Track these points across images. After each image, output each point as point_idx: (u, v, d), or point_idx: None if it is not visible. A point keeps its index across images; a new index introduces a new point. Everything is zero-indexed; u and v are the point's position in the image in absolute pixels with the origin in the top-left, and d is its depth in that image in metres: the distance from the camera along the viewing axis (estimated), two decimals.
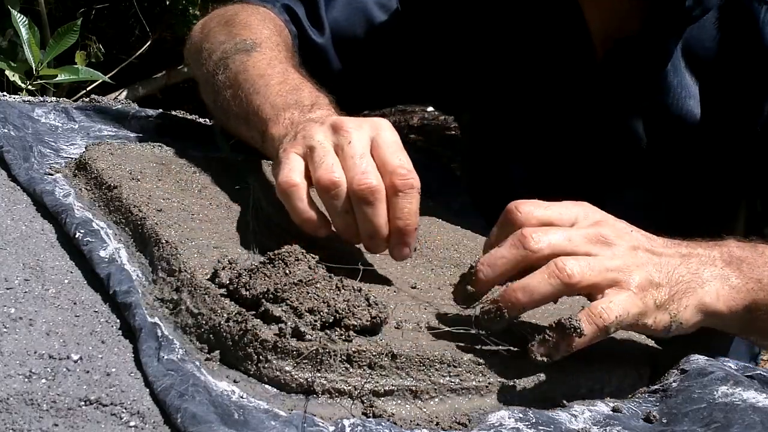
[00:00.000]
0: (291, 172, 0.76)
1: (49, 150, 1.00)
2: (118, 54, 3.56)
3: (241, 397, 0.61)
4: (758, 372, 0.75)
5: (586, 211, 0.75)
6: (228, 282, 0.68)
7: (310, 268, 0.68)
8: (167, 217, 0.80)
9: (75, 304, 0.71)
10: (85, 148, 0.97)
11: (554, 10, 1.11)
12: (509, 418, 0.65)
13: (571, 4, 1.08)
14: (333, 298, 0.65)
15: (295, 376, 0.62)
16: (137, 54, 3.52)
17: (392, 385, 0.63)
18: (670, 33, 1.06)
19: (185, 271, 0.71)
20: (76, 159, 0.96)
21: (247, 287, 0.66)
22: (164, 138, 1.12)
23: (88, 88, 2.64)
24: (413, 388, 0.64)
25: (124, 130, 1.14)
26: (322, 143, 0.77)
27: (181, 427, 0.55)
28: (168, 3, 3.57)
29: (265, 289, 0.66)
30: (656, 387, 0.73)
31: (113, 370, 0.62)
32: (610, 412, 0.69)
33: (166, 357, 0.62)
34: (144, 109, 1.18)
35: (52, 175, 0.93)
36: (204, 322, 0.66)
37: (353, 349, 0.63)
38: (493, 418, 0.65)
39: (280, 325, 0.63)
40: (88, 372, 0.61)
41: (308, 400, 0.61)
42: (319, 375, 0.62)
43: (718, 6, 1.05)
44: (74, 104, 1.16)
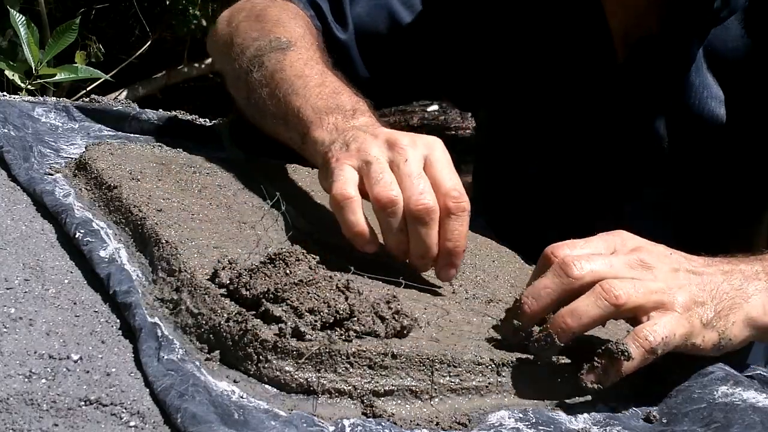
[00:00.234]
0: (346, 185, 0.77)
1: (49, 150, 1.00)
2: (118, 54, 3.56)
3: (241, 397, 0.61)
4: (758, 372, 0.76)
5: (623, 238, 0.76)
6: (228, 282, 0.68)
7: (310, 269, 0.68)
8: (167, 217, 0.80)
9: (75, 304, 0.71)
10: (85, 148, 0.97)
11: (575, 7, 1.10)
12: (509, 418, 0.65)
13: (592, 1, 1.08)
14: (333, 299, 0.65)
15: (295, 376, 0.62)
16: (137, 54, 3.52)
17: (392, 385, 0.63)
18: (694, 34, 1.05)
19: (185, 271, 0.71)
20: (76, 159, 0.96)
21: (248, 287, 0.66)
22: (164, 138, 1.12)
23: (88, 88, 2.64)
24: (413, 388, 0.64)
25: (124, 130, 1.14)
26: (379, 159, 0.78)
27: (181, 427, 0.55)
28: (168, 3, 3.57)
29: (266, 289, 0.66)
30: (656, 387, 0.73)
31: (113, 370, 0.62)
32: (610, 412, 0.69)
33: (166, 357, 0.62)
34: (144, 110, 1.18)
35: (52, 175, 0.93)
36: (204, 322, 0.66)
37: (353, 350, 0.63)
38: (493, 418, 0.65)
39: (280, 325, 0.63)
40: (88, 372, 0.61)
41: (309, 399, 0.61)
42: (320, 375, 0.62)
43: (743, 6, 1.04)
44: (74, 104, 1.16)
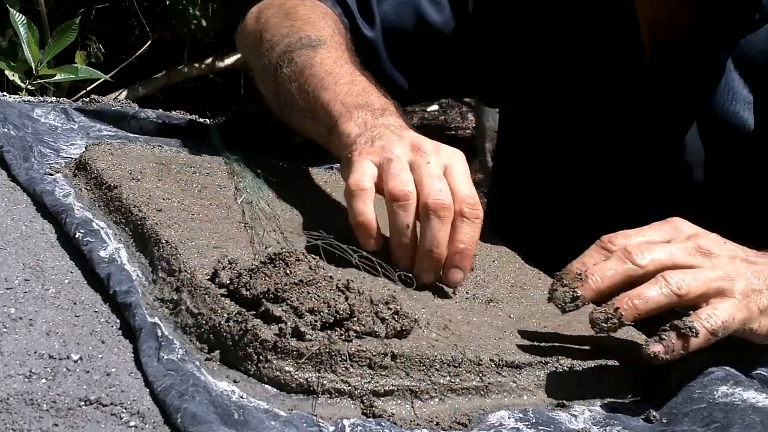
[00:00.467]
0: (363, 176, 0.80)
1: (49, 150, 1.00)
2: (118, 54, 3.56)
3: (241, 397, 0.61)
4: (758, 372, 0.76)
5: (678, 225, 0.78)
6: (228, 282, 0.68)
7: (310, 269, 0.68)
8: (167, 217, 0.80)
9: (75, 304, 0.71)
10: (85, 148, 0.97)
11: (605, 3, 1.10)
12: (509, 418, 0.65)
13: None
14: (333, 299, 0.65)
15: (295, 376, 0.62)
16: (137, 54, 3.52)
17: (392, 385, 0.63)
18: (726, 40, 1.04)
19: (185, 271, 0.71)
20: (76, 159, 0.96)
21: (248, 287, 0.66)
22: (164, 138, 1.12)
23: (88, 88, 2.64)
24: (413, 388, 0.64)
25: (124, 130, 1.14)
26: (400, 157, 0.81)
27: (181, 427, 0.55)
28: (168, 3, 3.57)
29: (266, 289, 0.66)
30: (656, 387, 0.73)
31: (113, 370, 0.62)
32: (610, 412, 0.69)
33: (166, 357, 0.62)
34: (144, 109, 1.18)
35: (52, 175, 0.93)
36: (204, 322, 0.66)
37: (353, 350, 0.63)
38: (493, 418, 0.65)
39: (280, 325, 0.63)
40: (88, 372, 0.61)
41: (309, 399, 0.62)
42: (320, 375, 0.62)
43: None
44: (74, 104, 1.16)
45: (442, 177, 0.79)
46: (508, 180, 1.31)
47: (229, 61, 4.44)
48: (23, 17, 1.80)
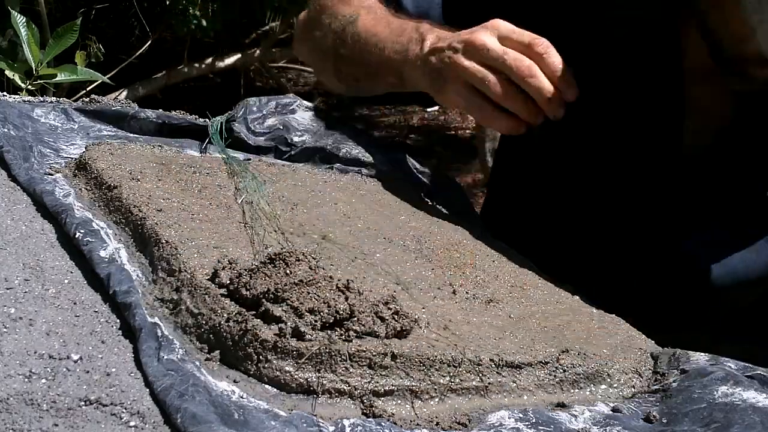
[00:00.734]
0: (486, 43, 0.97)
1: (49, 150, 1.00)
2: (118, 54, 3.56)
3: (241, 397, 0.61)
4: (758, 372, 0.75)
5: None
6: (228, 282, 0.68)
7: (310, 269, 0.68)
8: (167, 217, 0.80)
9: (75, 304, 0.71)
10: (85, 148, 0.97)
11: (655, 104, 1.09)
12: (509, 418, 0.65)
13: (675, 91, 1.07)
14: (333, 299, 0.65)
15: (296, 376, 0.62)
16: (137, 54, 3.52)
17: (392, 385, 0.63)
18: None
19: (185, 271, 0.71)
20: (76, 159, 0.96)
21: (248, 287, 0.66)
22: (164, 138, 1.12)
23: (88, 88, 2.64)
24: (413, 388, 0.64)
25: (124, 130, 1.14)
26: (485, 42, 0.97)
27: (181, 427, 0.55)
28: (168, 3, 3.58)
29: (266, 289, 0.66)
30: (656, 387, 0.73)
31: (113, 370, 0.62)
32: (610, 412, 0.69)
33: (166, 357, 0.62)
34: (144, 109, 1.18)
35: (52, 175, 0.93)
36: (204, 322, 0.66)
37: (353, 350, 0.63)
38: (493, 418, 0.65)
39: (280, 325, 0.63)
40: (88, 372, 0.61)
41: (309, 399, 0.62)
42: (320, 375, 0.62)
43: None
44: (74, 104, 1.16)
45: (504, 49, 0.96)
46: (508, 180, 1.31)
47: (229, 61, 4.44)
48: (23, 17, 1.80)
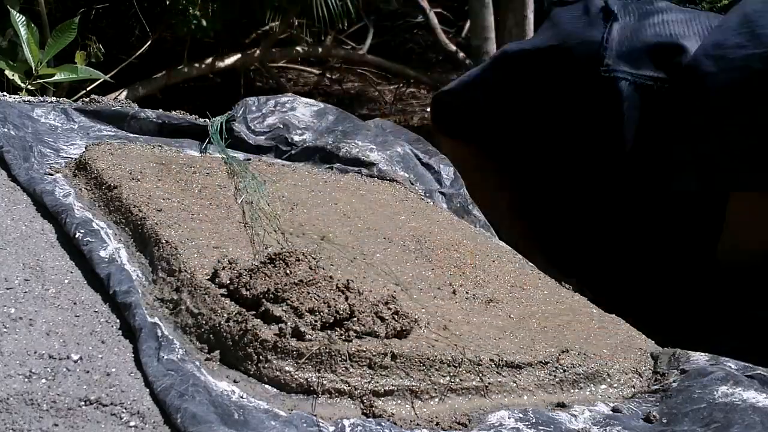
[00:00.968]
0: None
1: (49, 150, 1.00)
2: (118, 54, 3.56)
3: (241, 397, 0.61)
4: (758, 372, 0.75)
5: None
6: (228, 282, 0.68)
7: (310, 269, 0.68)
8: (167, 217, 0.80)
9: (75, 304, 0.71)
10: (85, 148, 0.97)
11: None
12: (509, 418, 0.65)
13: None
14: (333, 299, 0.65)
15: (295, 376, 0.62)
16: (137, 54, 3.52)
17: (392, 385, 0.63)
18: None
19: (185, 271, 0.71)
20: (76, 159, 0.96)
21: (248, 287, 0.66)
22: (164, 138, 1.12)
23: (88, 88, 2.64)
24: (413, 388, 0.64)
25: (124, 130, 1.14)
26: None
27: (181, 427, 0.55)
28: (168, 3, 3.58)
29: (266, 289, 0.66)
30: (656, 387, 0.73)
31: (113, 370, 0.62)
32: (610, 412, 0.69)
33: (166, 357, 0.62)
34: (144, 109, 1.18)
35: (52, 175, 0.93)
36: (204, 322, 0.66)
37: (353, 350, 0.63)
38: (493, 418, 0.65)
39: (280, 325, 0.63)
40: (88, 372, 0.61)
41: (309, 399, 0.62)
42: (320, 375, 0.62)
43: None
44: (74, 104, 1.16)
45: None
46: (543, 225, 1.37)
47: (229, 61, 4.44)
48: (23, 17, 1.80)
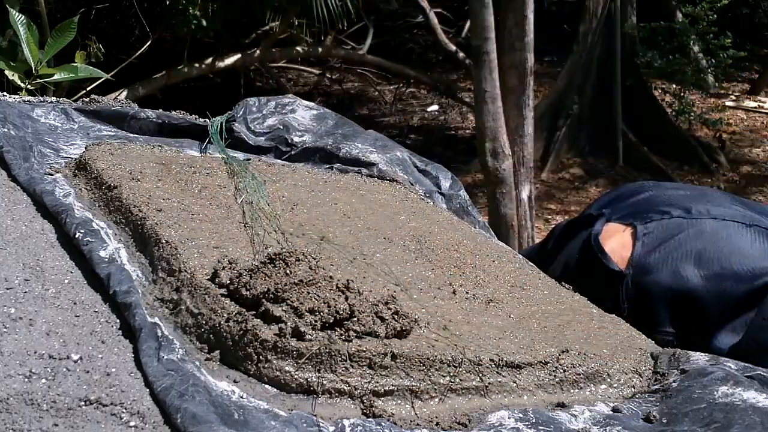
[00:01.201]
0: None
1: (49, 150, 1.00)
2: (118, 54, 3.57)
3: (241, 397, 0.61)
4: (758, 372, 0.75)
5: None
6: (228, 282, 0.68)
7: (310, 269, 0.68)
8: (167, 217, 0.80)
9: (75, 304, 0.70)
10: (85, 148, 0.97)
11: None
12: (509, 418, 0.65)
13: None
14: (333, 299, 0.65)
15: (295, 376, 0.62)
16: (137, 54, 3.52)
17: (392, 385, 0.63)
18: None
19: (185, 271, 0.71)
20: (76, 159, 0.96)
21: (248, 287, 0.66)
22: (164, 138, 1.12)
23: (88, 88, 2.64)
24: (413, 388, 0.64)
25: (124, 130, 1.14)
26: None
27: (181, 427, 0.55)
28: (168, 3, 3.58)
29: (266, 289, 0.66)
30: (656, 387, 0.73)
31: (113, 370, 0.62)
32: (610, 412, 0.69)
33: (166, 357, 0.62)
34: (144, 109, 1.18)
35: (52, 175, 0.93)
36: (204, 322, 0.66)
37: (353, 350, 0.63)
38: (493, 418, 0.65)
39: (280, 325, 0.63)
40: (88, 372, 0.61)
41: (309, 399, 0.62)
42: (320, 375, 0.62)
43: None
44: (74, 104, 1.16)
45: None
46: None
47: (229, 61, 4.44)
48: (23, 17, 1.80)
